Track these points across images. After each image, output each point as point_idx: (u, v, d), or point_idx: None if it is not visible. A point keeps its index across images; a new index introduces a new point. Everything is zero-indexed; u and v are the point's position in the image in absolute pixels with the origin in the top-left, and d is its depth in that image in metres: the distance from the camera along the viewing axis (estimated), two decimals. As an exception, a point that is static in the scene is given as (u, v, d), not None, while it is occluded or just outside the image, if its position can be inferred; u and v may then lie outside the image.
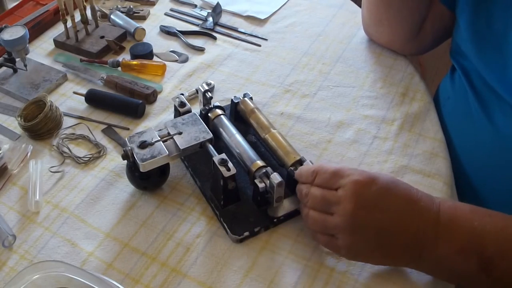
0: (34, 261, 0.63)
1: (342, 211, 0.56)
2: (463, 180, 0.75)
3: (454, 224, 0.56)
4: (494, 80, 0.69)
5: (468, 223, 0.56)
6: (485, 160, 0.74)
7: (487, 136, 0.72)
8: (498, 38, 0.67)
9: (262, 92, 0.86)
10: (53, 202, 0.70)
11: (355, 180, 0.56)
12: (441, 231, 0.55)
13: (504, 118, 0.69)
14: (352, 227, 0.56)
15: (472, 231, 0.55)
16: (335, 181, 0.58)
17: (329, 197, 0.58)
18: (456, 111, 0.80)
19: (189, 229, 0.66)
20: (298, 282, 0.60)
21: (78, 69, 0.91)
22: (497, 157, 0.71)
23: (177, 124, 0.70)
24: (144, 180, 0.68)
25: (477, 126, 0.74)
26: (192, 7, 1.08)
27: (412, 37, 0.88)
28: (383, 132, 0.78)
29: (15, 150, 0.76)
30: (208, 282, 0.60)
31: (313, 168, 0.61)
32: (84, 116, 0.83)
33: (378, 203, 0.56)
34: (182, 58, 0.94)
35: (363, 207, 0.56)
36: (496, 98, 0.70)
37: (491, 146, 0.72)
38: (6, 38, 0.83)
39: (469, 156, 0.76)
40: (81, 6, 0.95)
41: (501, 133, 0.69)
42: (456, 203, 0.60)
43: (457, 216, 0.56)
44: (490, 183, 0.74)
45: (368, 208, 0.56)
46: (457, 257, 0.55)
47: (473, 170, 0.76)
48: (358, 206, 0.56)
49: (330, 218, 0.57)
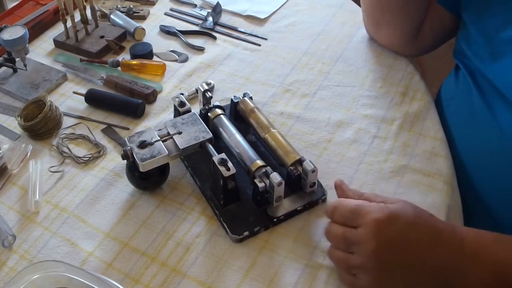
0: (34, 261, 0.63)
1: (364, 252, 0.55)
2: (465, 180, 0.75)
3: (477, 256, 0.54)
4: (500, 81, 0.69)
5: (493, 255, 0.54)
6: (489, 160, 0.73)
7: (491, 136, 0.71)
8: (505, 40, 0.67)
9: (262, 92, 0.86)
10: (53, 202, 0.70)
11: (375, 218, 0.54)
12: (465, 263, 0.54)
13: (508, 118, 0.69)
14: (374, 268, 0.55)
15: (497, 262, 0.54)
16: (354, 218, 0.56)
17: (349, 236, 0.56)
18: (460, 111, 0.80)
19: (189, 229, 0.66)
20: (298, 282, 0.60)
21: (78, 69, 0.91)
22: (501, 157, 0.71)
23: (176, 124, 0.70)
24: (144, 180, 0.68)
25: (481, 125, 0.73)
26: (192, 6, 1.08)
27: (411, 39, 0.88)
28: (383, 131, 0.78)
29: (15, 150, 0.76)
30: (208, 282, 0.60)
31: (332, 204, 0.59)
32: (84, 116, 0.83)
33: (399, 242, 0.54)
34: (182, 58, 0.94)
35: (385, 247, 0.54)
36: (501, 98, 0.70)
37: (495, 146, 0.71)
38: (6, 38, 0.83)
39: (472, 156, 0.76)
40: (81, 6, 0.95)
41: (505, 133, 0.69)
42: (480, 232, 0.57)
43: (481, 249, 0.55)
44: (493, 183, 0.74)
45: (390, 248, 0.54)
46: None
47: (476, 170, 0.75)
48: (380, 246, 0.54)
49: (352, 257, 0.56)
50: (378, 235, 0.54)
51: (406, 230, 0.55)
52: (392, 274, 0.55)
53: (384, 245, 0.54)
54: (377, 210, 0.55)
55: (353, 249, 0.56)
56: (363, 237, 0.55)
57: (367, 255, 0.54)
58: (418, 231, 0.55)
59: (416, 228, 0.55)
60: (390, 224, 0.54)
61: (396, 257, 0.54)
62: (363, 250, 0.55)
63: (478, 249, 0.55)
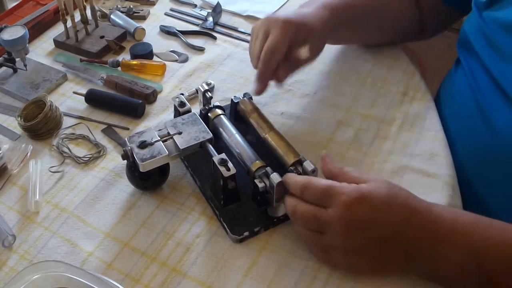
0: (34, 261, 0.63)
1: (334, 232, 0.55)
2: (465, 179, 0.75)
3: (452, 237, 0.54)
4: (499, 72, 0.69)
5: (468, 236, 0.54)
6: (488, 159, 0.73)
7: (490, 135, 0.71)
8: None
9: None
10: (53, 202, 0.70)
11: (344, 200, 0.54)
12: (439, 245, 0.54)
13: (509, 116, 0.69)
14: (346, 248, 0.55)
15: (472, 243, 0.54)
16: (325, 199, 0.56)
17: (320, 216, 0.56)
18: (459, 109, 0.80)
19: (189, 229, 0.66)
20: (298, 282, 0.60)
21: (78, 69, 0.91)
22: (500, 157, 0.71)
23: (177, 124, 0.70)
24: (144, 180, 0.68)
25: (479, 124, 0.73)
26: (192, 7, 1.08)
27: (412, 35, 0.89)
28: (383, 131, 0.78)
29: (15, 150, 0.76)
30: (208, 282, 0.60)
31: (301, 182, 0.58)
32: (84, 116, 0.83)
33: (370, 223, 0.54)
34: (182, 58, 0.94)
35: (355, 228, 0.54)
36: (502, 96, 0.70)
37: (494, 145, 0.71)
38: (6, 38, 0.84)
39: (471, 155, 0.76)
40: (81, 6, 0.95)
41: (504, 131, 0.69)
42: (457, 214, 0.58)
43: (456, 230, 0.55)
44: (492, 182, 0.74)
45: (360, 229, 0.54)
46: (456, 270, 0.54)
47: (475, 169, 0.75)
48: (350, 227, 0.54)
49: (323, 237, 0.57)
50: (348, 216, 0.54)
51: (377, 210, 0.54)
52: (364, 253, 0.55)
53: (355, 226, 0.54)
54: (348, 192, 0.55)
55: (324, 229, 0.56)
56: (333, 218, 0.55)
57: (338, 235, 0.55)
58: (391, 211, 0.55)
59: (388, 207, 0.55)
60: (361, 205, 0.54)
61: (366, 235, 0.55)
62: (334, 231, 0.55)
63: (453, 230, 0.55)
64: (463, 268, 0.54)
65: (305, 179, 0.58)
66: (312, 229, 0.58)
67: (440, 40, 1.02)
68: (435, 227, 0.55)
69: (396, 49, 0.93)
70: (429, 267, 0.55)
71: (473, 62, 0.77)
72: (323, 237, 0.57)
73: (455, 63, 0.85)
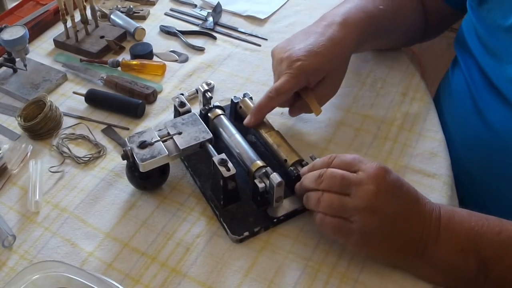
0: (34, 261, 0.63)
1: (364, 192, 0.56)
2: (463, 177, 0.75)
3: (453, 224, 0.57)
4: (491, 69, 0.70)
5: (466, 224, 0.57)
6: (485, 158, 0.74)
7: (486, 133, 0.72)
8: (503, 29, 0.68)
9: (262, 92, 0.84)
10: (53, 202, 0.70)
11: (377, 165, 0.58)
12: (442, 231, 0.57)
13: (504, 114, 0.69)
14: (372, 208, 0.56)
15: (470, 231, 0.56)
16: (355, 164, 0.59)
17: (350, 177, 0.58)
18: (456, 108, 0.80)
19: (189, 229, 0.66)
20: (298, 282, 0.60)
21: (78, 69, 0.91)
22: (496, 155, 0.71)
23: (177, 124, 0.70)
24: (144, 180, 0.68)
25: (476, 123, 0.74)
26: (192, 7, 1.08)
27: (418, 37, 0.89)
28: (383, 132, 0.78)
29: (15, 150, 0.76)
30: (208, 282, 0.60)
31: (329, 155, 0.61)
32: (84, 116, 0.83)
33: (395, 191, 0.58)
34: (182, 58, 0.94)
35: (384, 191, 0.56)
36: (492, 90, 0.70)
37: (491, 144, 0.72)
38: (6, 38, 0.83)
39: (469, 153, 0.76)
40: (81, 6, 0.95)
41: (499, 130, 0.70)
42: (454, 207, 0.62)
43: (455, 218, 0.58)
44: (490, 180, 0.74)
45: (388, 193, 0.57)
46: (458, 256, 0.56)
47: (473, 167, 0.76)
48: (381, 189, 0.56)
49: (349, 199, 0.57)
50: (380, 178, 0.57)
51: (398, 184, 0.58)
52: (383, 219, 0.57)
53: (383, 189, 0.56)
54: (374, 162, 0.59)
55: (351, 190, 0.57)
56: (363, 179, 0.57)
57: (367, 195, 0.56)
58: (406, 190, 0.59)
59: (404, 186, 0.59)
60: (389, 173, 0.58)
61: (391, 201, 0.57)
62: (364, 191, 0.56)
63: (452, 219, 0.58)
64: (465, 253, 0.56)
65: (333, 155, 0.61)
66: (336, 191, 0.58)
67: (440, 40, 1.02)
68: (438, 215, 0.58)
69: (396, 50, 0.93)
70: (433, 254, 0.57)
71: (469, 60, 0.77)
72: (349, 200, 0.57)
73: (453, 61, 0.85)
